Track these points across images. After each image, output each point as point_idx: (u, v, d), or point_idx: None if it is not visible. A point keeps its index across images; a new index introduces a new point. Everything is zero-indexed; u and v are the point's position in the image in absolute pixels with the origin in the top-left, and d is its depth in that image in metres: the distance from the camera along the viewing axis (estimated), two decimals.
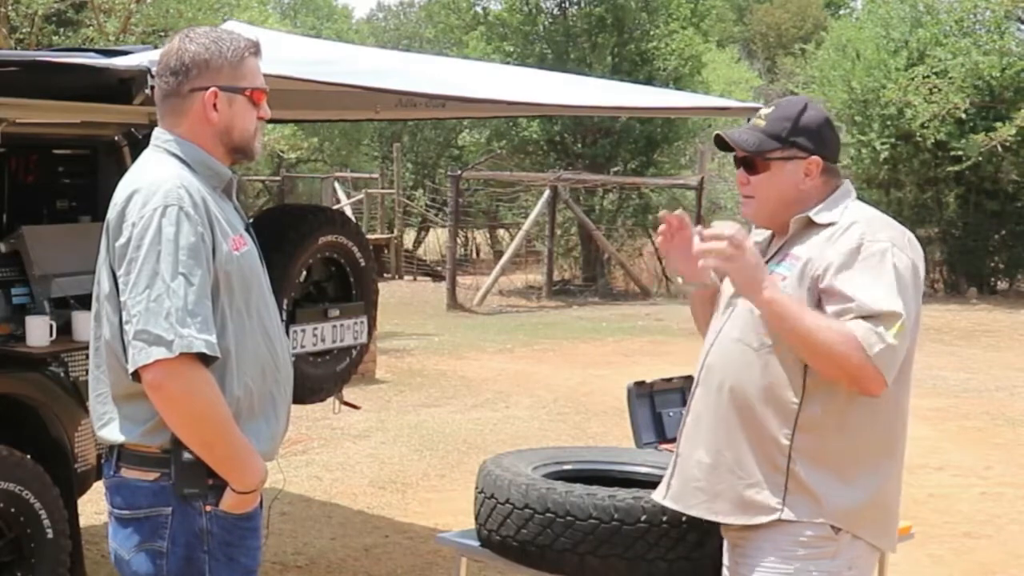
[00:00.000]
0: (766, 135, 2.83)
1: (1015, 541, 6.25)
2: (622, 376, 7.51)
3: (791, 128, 2.81)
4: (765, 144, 2.82)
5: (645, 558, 3.08)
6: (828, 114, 2.95)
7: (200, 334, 2.46)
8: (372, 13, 52.44)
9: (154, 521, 2.59)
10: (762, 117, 2.87)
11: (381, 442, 8.35)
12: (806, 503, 2.72)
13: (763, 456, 2.75)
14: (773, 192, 2.83)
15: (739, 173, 2.89)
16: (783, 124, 2.82)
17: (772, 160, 2.82)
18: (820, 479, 2.71)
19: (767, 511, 2.75)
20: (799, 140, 2.82)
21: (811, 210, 2.81)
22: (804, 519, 2.73)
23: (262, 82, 2.72)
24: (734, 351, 2.81)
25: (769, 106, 2.92)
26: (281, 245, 4.75)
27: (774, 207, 2.84)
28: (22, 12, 14.55)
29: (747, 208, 2.90)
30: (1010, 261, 19.57)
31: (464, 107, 5.54)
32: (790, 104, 2.89)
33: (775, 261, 2.83)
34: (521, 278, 20.75)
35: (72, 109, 4.27)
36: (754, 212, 2.88)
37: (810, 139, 2.82)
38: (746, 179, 2.86)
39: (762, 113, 2.88)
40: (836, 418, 2.71)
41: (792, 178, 2.82)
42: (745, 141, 2.84)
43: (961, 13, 18.77)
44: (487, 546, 3.35)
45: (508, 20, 22.14)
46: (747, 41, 38.43)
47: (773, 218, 2.87)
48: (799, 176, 2.82)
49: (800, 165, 2.82)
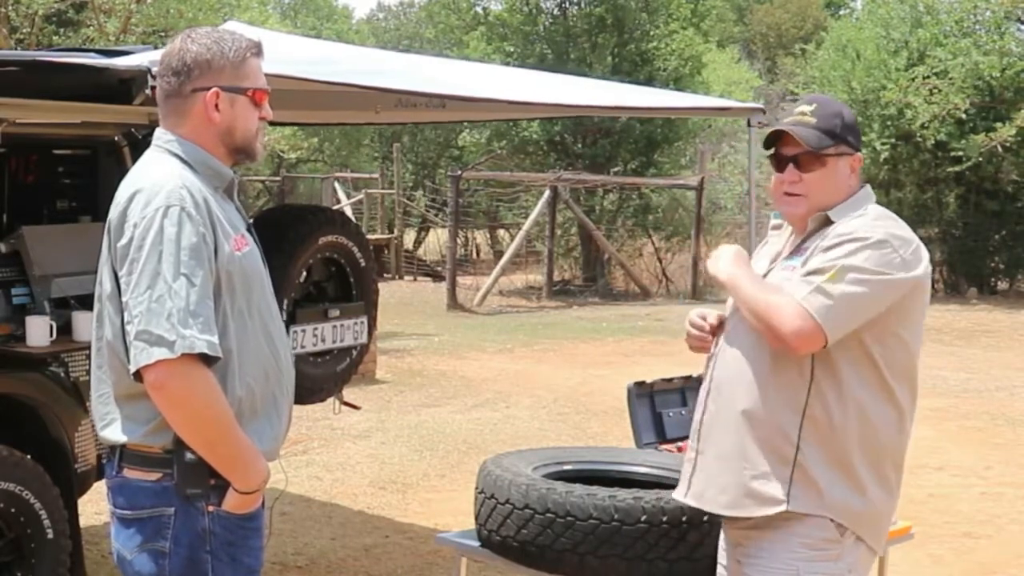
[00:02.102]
0: (821, 131, 2.83)
1: (1015, 541, 6.25)
2: (622, 376, 7.52)
3: (842, 125, 2.84)
4: (824, 141, 2.83)
5: (645, 558, 3.09)
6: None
7: (202, 334, 2.46)
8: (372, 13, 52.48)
9: (157, 521, 2.59)
10: (808, 114, 2.86)
11: (381, 442, 8.35)
12: (810, 496, 2.73)
13: (770, 448, 2.76)
14: (826, 189, 2.84)
15: (789, 171, 2.86)
16: (834, 121, 2.84)
17: (828, 157, 2.83)
18: (825, 472, 2.73)
19: (773, 503, 2.75)
20: (848, 137, 2.86)
21: (830, 209, 2.83)
22: (808, 512, 2.73)
23: (264, 83, 2.72)
24: (743, 347, 2.83)
25: (807, 103, 2.91)
26: (281, 245, 4.75)
27: (823, 204, 2.84)
28: (22, 12, 14.54)
29: (795, 207, 2.87)
30: (1010, 261, 19.56)
31: (464, 109, 5.54)
32: (829, 101, 2.92)
33: (789, 255, 2.86)
34: (521, 278, 20.75)
35: (72, 109, 4.26)
36: (805, 211, 2.86)
37: (855, 135, 2.88)
38: (797, 177, 2.85)
39: (806, 110, 2.88)
40: (843, 413, 2.73)
41: (843, 175, 2.85)
42: (807, 137, 2.83)
43: (961, 13, 18.77)
44: (487, 546, 3.36)
45: (508, 20, 22.15)
46: (747, 41, 38.40)
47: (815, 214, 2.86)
48: (847, 173, 2.86)
49: (848, 161, 2.86)
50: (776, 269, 2.88)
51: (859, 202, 2.85)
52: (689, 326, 3.01)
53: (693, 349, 3.04)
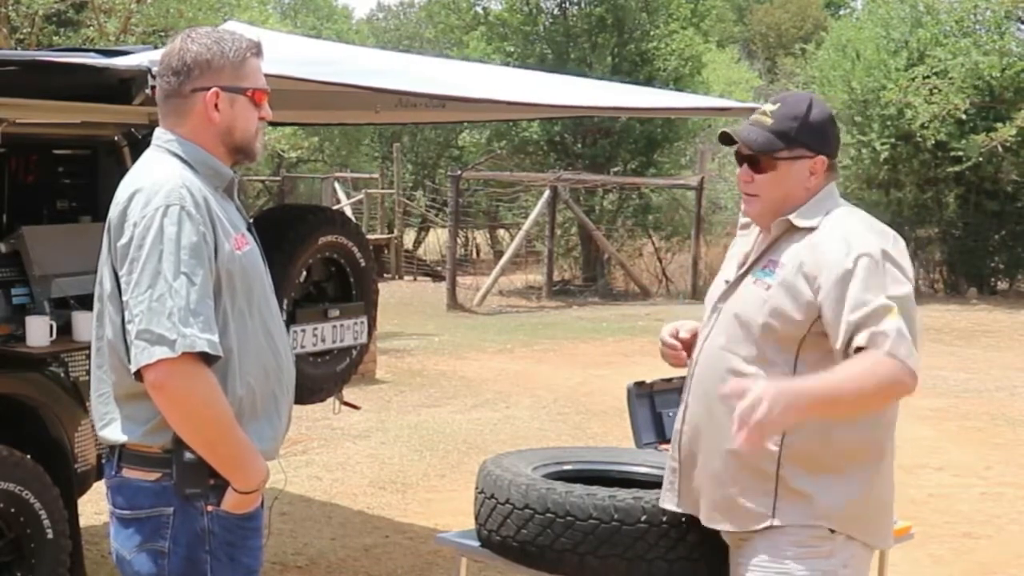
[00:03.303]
0: (773, 134, 2.76)
1: (1015, 541, 6.25)
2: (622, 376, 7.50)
3: (798, 127, 2.75)
4: (773, 144, 2.76)
5: (645, 558, 3.08)
6: (831, 110, 2.90)
7: (202, 334, 2.46)
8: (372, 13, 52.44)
9: (156, 521, 2.59)
10: (768, 114, 2.79)
11: (381, 442, 8.35)
12: (797, 508, 2.72)
13: (752, 464, 2.73)
14: (779, 192, 2.77)
15: (742, 171, 2.82)
16: (790, 123, 2.75)
17: (779, 160, 2.76)
18: (810, 482, 2.70)
19: (758, 519, 2.74)
20: (806, 139, 2.76)
21: (791, 213, 2.76)
22: (795, 523, 2.71)
23: (264, 83, 2.72)
24: (720, 359, 2.79)
25: (774, 102, 2.84)
26: (281, 245, 4.75)
27: (779, 206, 2.78)
28: (22, 12, 14.54)
29: (750, 207, 2.83)
30: (1010, 261, 19.56)
31: (464, 109, 5.54)
32: (796, 101, 2.81)
33: (759, 267, 2.79)
34: (521, 278, 20.74)
35: (72, 109, 4.27)
36: (758, 212, 2.82)
37: (816, 138, 2.77)
38: (750, 177, 2.80)
39: (768, 110, 2.81)
40: (824, 423, 2.68)
41: (798, 178, 2.77)
42: (753, 140, 2.77)
43: (961, 13, 18.76)
44: (487, 546, 3.35)
45: (508, 20, 22.14)
46: (747, 41, 38.41)
47: (775, 216, 2.80)
48: (804, 175, 2.77)
49: (806, 164, 2.77)
50: (748, 282, 2.80)
51: (821, 203, 2.77)
52: (662, 345, 2.98)
53: (672, 365, 3.01)
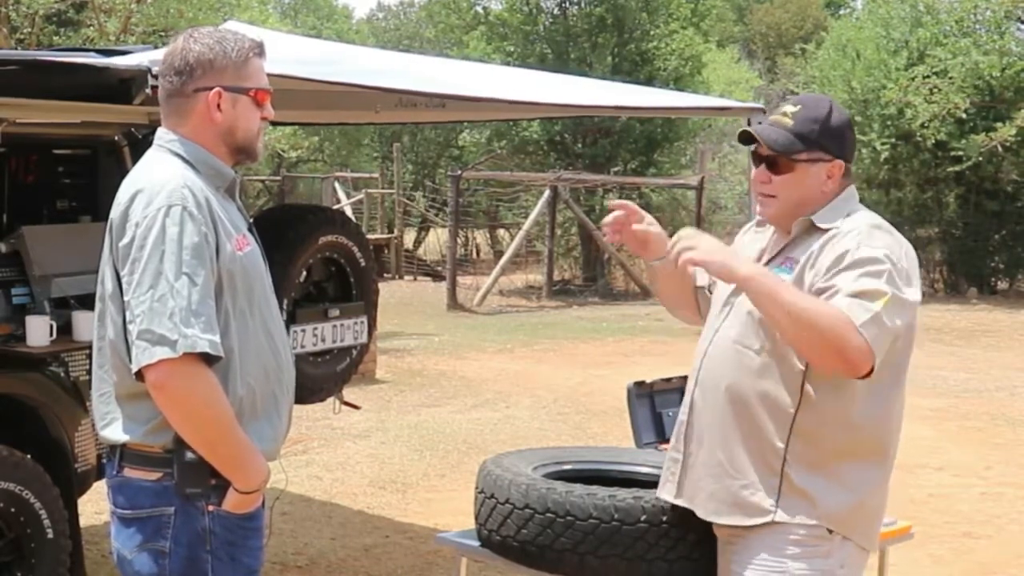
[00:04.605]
0: (794, 135, 2.76)
1: (1015, 541, 6.25)
2: (622, 376, 7.50)
3: (819, 130, 2.76)
4: (794, 145, 2.76)
5: (645, 558, 3.08)
6: (849, 115, 2.90)
7: (204, 334, 2.46)
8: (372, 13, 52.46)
9: (157, 521, 2.59)
10: (789, 115, 2.79)
11: (381, 442, 8.35)
12: (800, 505, 2.72)
13: (758, 458, 2.74)
14: (796, 193, 2.78)
15: (759, 171, 2.82)
16: (811, 125, 2.76)
17: (798, 162, 2.76)
18: (814, 482, 2.71)
19: (761, 512, 2.75)
20: (826, 143, 2.77)
21: (814, 213, 2.78)
22: (797, 520, 2.72)
23: (266, 83, 2.72)
24: (731, 352, 2.80)
25: (794, 104, 2.84)
26: (281, 245, 4.75)
27: (795, 208, 2.79)
28: (23, 12, 14.54)
29: (767, 208, 2.84)
30: (1010, 261, 19.57)
31: (464, 109, 5.54)
32: (817, 104, 2.82)
33: (776, 264, 2.80)
34: (521, 278, 20.74)
35: (72, 109, 4.26)
36: (774, 212, 2.82)
37: (836, 142, 2.78)
38: (768, 178, 2.80)
39: (788, 111, 2.81)
40: (832, 423, 2.69)
41: (816, 180, 2.77)
42: (775, 140, 2.77)
43: (961, 13, 18.77)
44: (487, 546, 3.35)
45: (508, 20, 22.15)
46: (747, 41, 38.40)
47: (792, 218, 2.81)
48: (822, 179, 2.78)
49: (824, 168, 2.77)
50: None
51: (843, 205, 2.78)
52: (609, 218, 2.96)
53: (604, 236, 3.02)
